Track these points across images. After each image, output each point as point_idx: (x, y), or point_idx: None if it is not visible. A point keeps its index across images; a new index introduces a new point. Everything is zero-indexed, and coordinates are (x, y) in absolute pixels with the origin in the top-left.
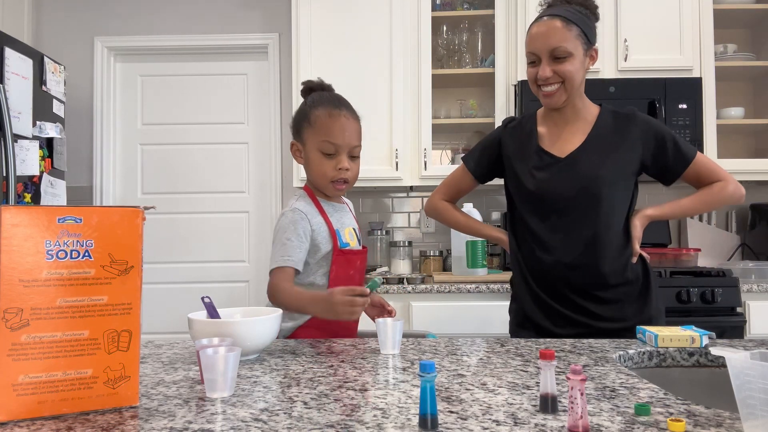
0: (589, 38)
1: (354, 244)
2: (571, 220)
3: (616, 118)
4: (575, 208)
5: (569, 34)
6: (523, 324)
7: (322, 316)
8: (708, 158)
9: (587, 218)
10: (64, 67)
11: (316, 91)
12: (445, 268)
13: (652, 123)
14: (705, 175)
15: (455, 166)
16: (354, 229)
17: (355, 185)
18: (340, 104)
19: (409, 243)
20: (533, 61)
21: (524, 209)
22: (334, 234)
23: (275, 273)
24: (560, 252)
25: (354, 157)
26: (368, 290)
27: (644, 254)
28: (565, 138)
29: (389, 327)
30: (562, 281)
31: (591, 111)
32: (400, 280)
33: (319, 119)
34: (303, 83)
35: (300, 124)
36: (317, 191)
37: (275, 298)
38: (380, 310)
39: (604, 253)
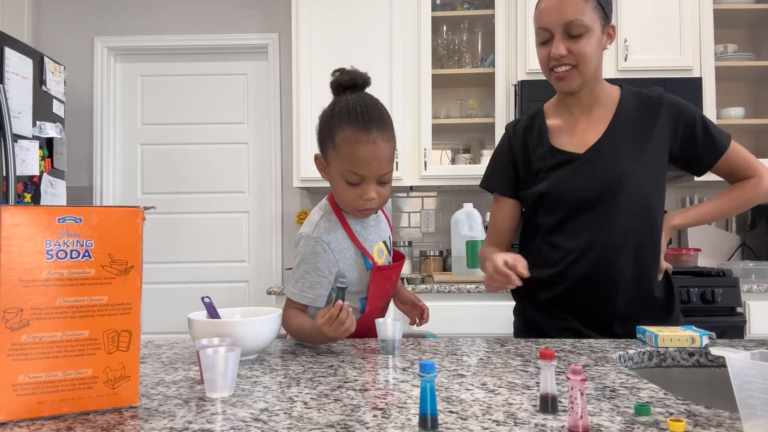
0: (606, 12)
1: (382, 261)
2: (591, 225)
3: (640, 101)
4: (597, 211)
5: (586, 5)
6: (527, 329)
7: (325, 342)
8: (742, 148)
9: (614, 221)
10: (64, 67)
11: (348, 91)
12: (445, 268)
13: (681, 106)
14: (739, 168)
15: (455, 167)
16: (384, 243)
17: None
18: (371, 123)
19: (409, 243)
20: (545, 39)
21: (538, 213)
22: (368, 255)
23: (287, 303)
24: (577, 262)
25: (384, 182)
26: (340, 302)
27: (668, 266)
28: (583, 129)
29: (389, 327)
30: (578, 294)
31: (611, 95)
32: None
33: (345, 144)
34: (333, 74)
35: (324, 141)
36: None
37: (285, 327)
38: (411, 307)
39: (630, 263)
